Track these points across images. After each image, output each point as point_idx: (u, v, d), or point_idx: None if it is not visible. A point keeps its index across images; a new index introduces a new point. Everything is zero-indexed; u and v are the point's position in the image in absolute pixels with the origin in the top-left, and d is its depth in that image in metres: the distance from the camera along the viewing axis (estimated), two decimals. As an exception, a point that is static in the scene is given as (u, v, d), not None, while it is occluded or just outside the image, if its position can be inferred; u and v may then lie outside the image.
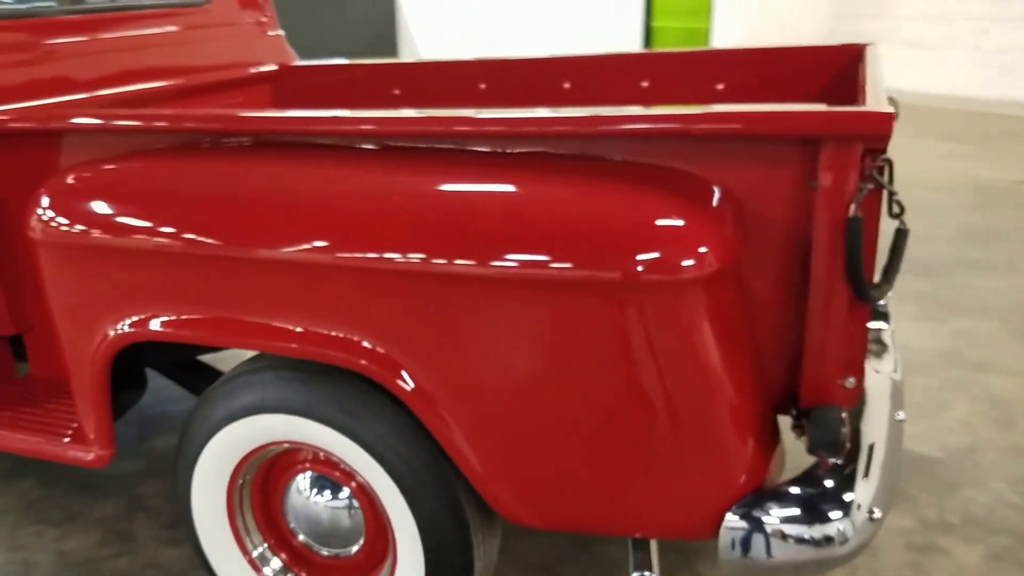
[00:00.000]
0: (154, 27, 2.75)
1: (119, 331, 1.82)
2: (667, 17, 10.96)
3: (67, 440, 2.01)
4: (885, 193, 1.46)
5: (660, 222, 1.44)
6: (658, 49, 2.76)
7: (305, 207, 1.62)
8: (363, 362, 1.62)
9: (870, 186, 1.42)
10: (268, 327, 1.69)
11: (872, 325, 2.30)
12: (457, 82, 2.94)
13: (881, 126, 1.37)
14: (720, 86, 2.68)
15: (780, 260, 1.55)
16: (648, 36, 11.15)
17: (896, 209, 1.48)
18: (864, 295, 1.46)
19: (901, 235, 1.52)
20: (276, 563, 1.97)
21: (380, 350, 1.61)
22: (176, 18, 2.83)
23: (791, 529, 1.49)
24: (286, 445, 1.85)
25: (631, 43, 11.14)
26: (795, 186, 1.49)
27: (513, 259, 1.46)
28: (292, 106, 3.12)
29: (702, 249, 1.42)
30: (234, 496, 1.93)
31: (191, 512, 1.94)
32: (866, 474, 1.59)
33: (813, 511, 1.50)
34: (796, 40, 9.42)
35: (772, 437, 1.62)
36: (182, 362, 2.45)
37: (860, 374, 1.58)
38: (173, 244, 1.70)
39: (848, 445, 1.58)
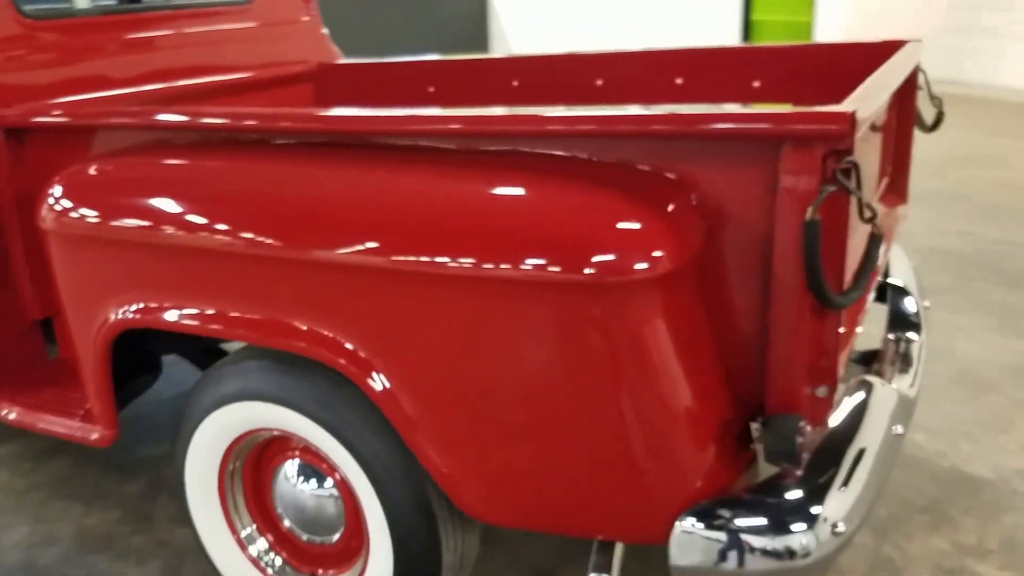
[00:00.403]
0: (197, 26, 2.83)
1: (117, 317, 1.87)
2: (768, 10, 10.64)
3: (78, 420, 2.09)
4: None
5: (613, 223, 1.40)
6: (696, 46, 2.66)
7: (275, 203, 1.65)
8: (329, 355, 1.62)
9: (832, 188, 1.34)
10: (246, 319, 1.72)
11: (898, 335, 2.17)
12: (490, 79, 2.91)
13: (838, 127, 1.30)
14: (756, 83, 2.58)
15: (748, 263, 1.48)
16: (747, 30, 10.85)
17: (868, 214, 1.38)
18: (826, 301, 1.37)
19: (874, 240, 1.42)
20: (262, 543, 2.00)
21: (347, 345, 1.61)
22: (218, 17, 2.91)
23: (745, 538, 1.42)
24: (276, 432, 1.87)
25: (729, 37, 10.86)
26: (763, 188, 1.43)
27: (467, 259, 1.44)
28: (332, 103, 3.16)
29: (655, 250, 1.38)
30: (225, 479, 1.96)
31: (185, 490, 1.98)
32: (843, 486, 1.49)
33: (768, 521, 1.43)
34: (901, 34, 9.02)
35: (738, 444, 1.53)
36: (208, 350, 2.51)
37: (833, 383, 1.49)
38: (161, 237, 1.75)
39: (805, 455, 1.48)
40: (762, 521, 1.43)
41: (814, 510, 1.44)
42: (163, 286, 1.80)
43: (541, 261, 1.39)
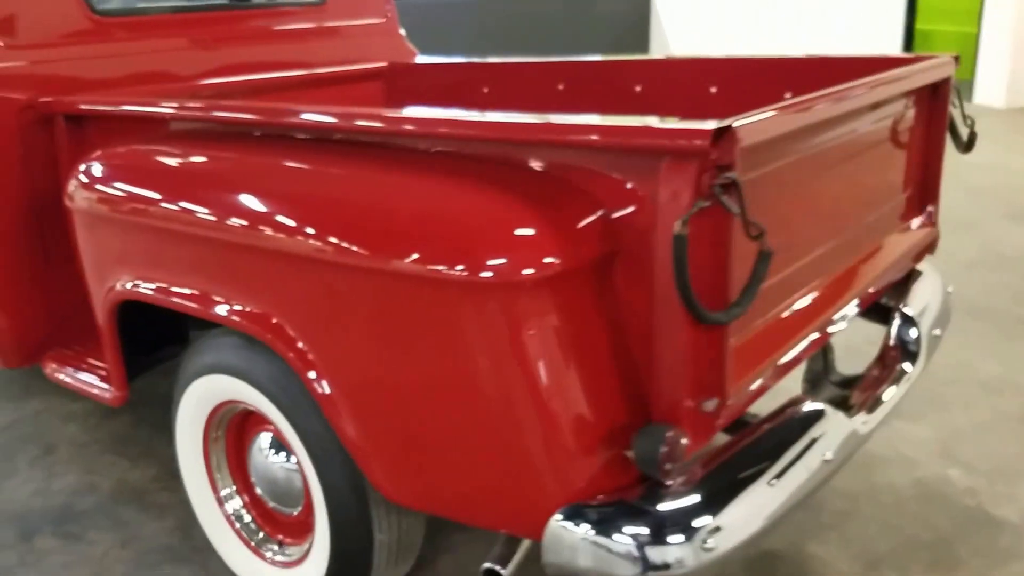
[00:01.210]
0: (265, 24, 3.06)
1: (118, 289, 2.10)
2: (933, 20, 10.04)
3: (97, 380, 2.35)
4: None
5: (503, 225, 1.46)
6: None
7: (216, 190, 1.83)
8: (260, 331, 1.77)
9: (706, 204, 1.34)
10: (208, 298, 1.89)
11: (886, 364, 2.09)
12: (539, 82, 2.98)
13: (701, 143, 1.30)
14: (788, 95, 2.53)
15: (641, 273, 1.49)
16: (910, 40, 10.27)
17: (754, 232, 1.37)
18: (699, 315, 1.37)
19: (762, 258, 1.40)
20: (237, 503, 2.17)
21: (277, 323, 1.75)
22: (289, 16, 3.12)
23: (608, 542, 1.43)
24: (244, 406, 2.03)
25: (890, 47, 10.33)
26: (649, 199, 1.44)
27: (370, 251, 1.54)
28: (402, 101, 3.31)
29: (541, 255, 1.43)
30: (210, 443, 2.14)
31: (176, 447, 2.18)
32: (727, 504, 1.49)
33: (633, 528, 1.43)
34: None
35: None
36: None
37: (721, 397, 1.48)
38: (141, 219, 1.96)
39: (678, 466, 1.47)
40: (628, 528, 1.44)
41: (685, 523, 1.44)
42: (140, 262, 2.01)
43: (434, 258, 1.46)
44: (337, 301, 1.63)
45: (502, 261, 1.42)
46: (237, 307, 1.82)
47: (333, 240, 1.58)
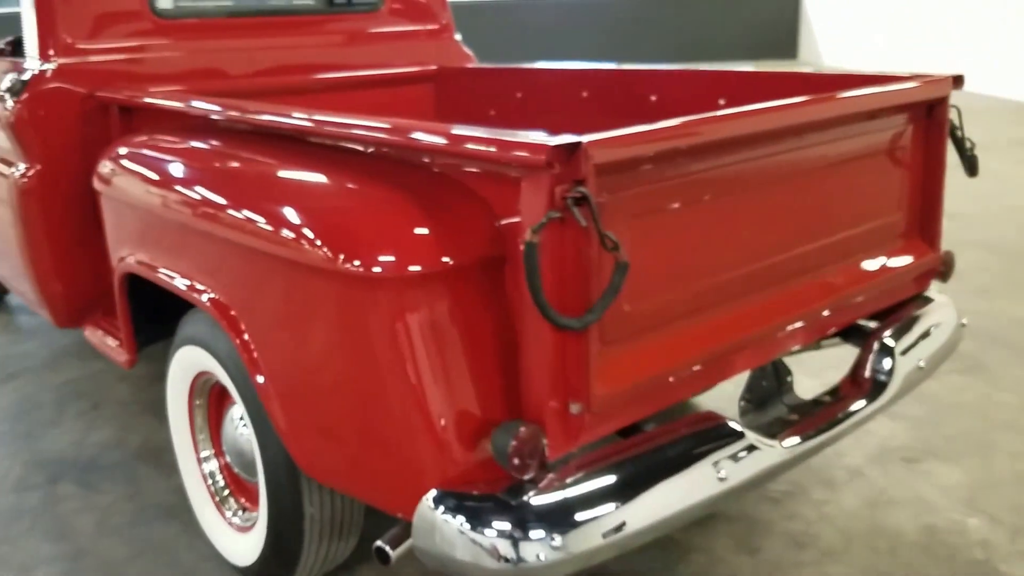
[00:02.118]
0: (325, 28, 3.21)
1: (122, 263, 2.29)
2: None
3: (115, 344, 2.55)
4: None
5: (392, 224, 1.53)
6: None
7: (190, 179, 1.99)
8: (208, 307, 1.89)
9: (557, 215, 1.36)
10: (173, 276, 2.06)
11: (841, 393, 1.98)
12: (565, 89, 2.99)
13: (542, 157, 1.32)
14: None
15: (518, 277, 1.51)
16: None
17: (609, 244, 1.37)
18: (551, 319, 1.38)
19: (618, 269, 1.39)
20: (214, 464, 2.30)
21: (227, 306, 1.87)
22: (347, 21, 3.27)
23: (462, 528, 1.45)
24: (214, 377, 2.16)
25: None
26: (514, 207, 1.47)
27: (276, 239, 1.65)
28: (449, 104, 3.40)
29: (424, 254, 1.49)
30: (194, 408, 2.28)
31: (167, 408, 2.34)
32: (589, 506, 1.47)
33: (484, 519, 1.45)
34: None
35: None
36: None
37: (585, 401, 1.47)
38: (140, 204, 2.15)
39: (523, 462, 1.46)
40: (485, 517, 1.45)
41: (536, 521, 1.44)
42: (135, 240, 2.20)
43: (332, 252, 1.54)
44: (263, 290, 1.75)
45: (390, 258, 1.49)
46: (199, 287, 1.94)
47: (258, 231, 1.70)
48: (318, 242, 1.55)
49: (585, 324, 1.40)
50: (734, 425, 1.67)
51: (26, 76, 2.61)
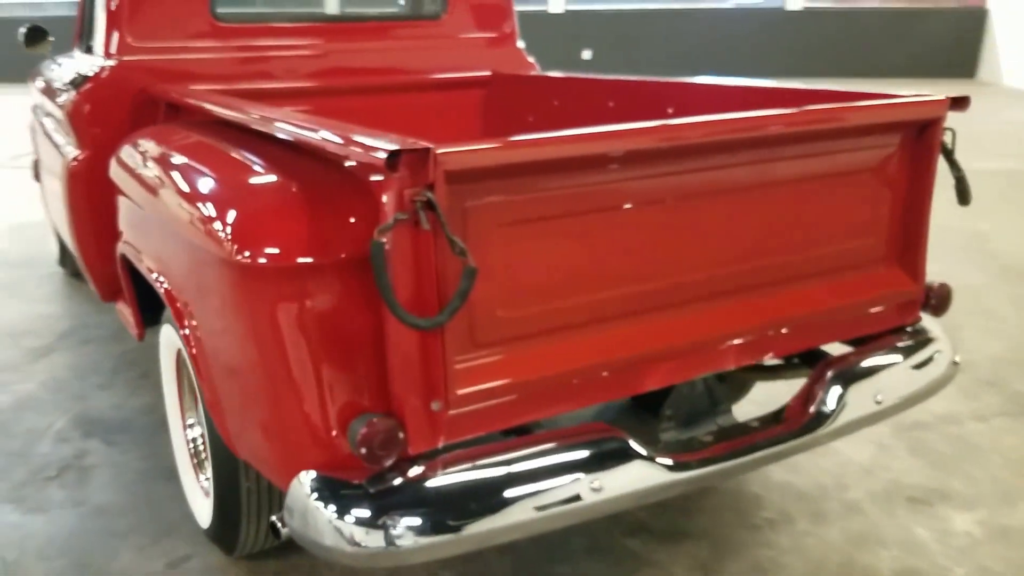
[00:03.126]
0: (383, 35, 3.35)
1: (121, 247, 2.51)
2: None
3: (132, 319, 2.77)
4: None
5: (274, 218, 1.62)
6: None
7: (155, 170, 2.15)
8: (163, 288, 2.05)
9: (404, 217, 1.40)
10: (145, 261, 2.23)
11: (768, 419, 1.92)
12: (596, 98, 2.99)
13: (382, 162, 1.36)
14: None
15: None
16: None
17: (456, 249, 1.41)
18: (401, 319, 1.42)
19: (466, 274, 1.41)
20: (196, 431, 2.46)
21: (175, 297, 2.02)
22: (406, 29, 3.39)
23: (323, 511, 1.52)
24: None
25: None
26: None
27: (186, 227, 1.79)
28: (497, 108, 3.47)
29: (297, 248, 1.56)
30: (182, 378, 2.45)
31: (161, 376, 2.53)
32: (444, 502, 1.52)
33: (326, 502, 1.52)
34: None
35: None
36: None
37: (443, 400, 1.51)
38: (126, 192, 2.35)
39: (371, 453, 1.50)
40: (338, 502, 1.52)
41: (383, 510, 1.49)
42: (126, 225, 2.41)
43: (220, 238, 1.64)
44: (190, 269, 1.88)
45: (274, 251, 1.57)
46: (161, 280, 2.11)
47: (182, 220, 1.83)
48: (218, 232, 1.65)
49: (433, 325, 1.43)
50: (623, 439, 1.66)
51: (87, 71, 2.88)
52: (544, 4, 14.67)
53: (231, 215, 1.64)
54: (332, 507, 1.52)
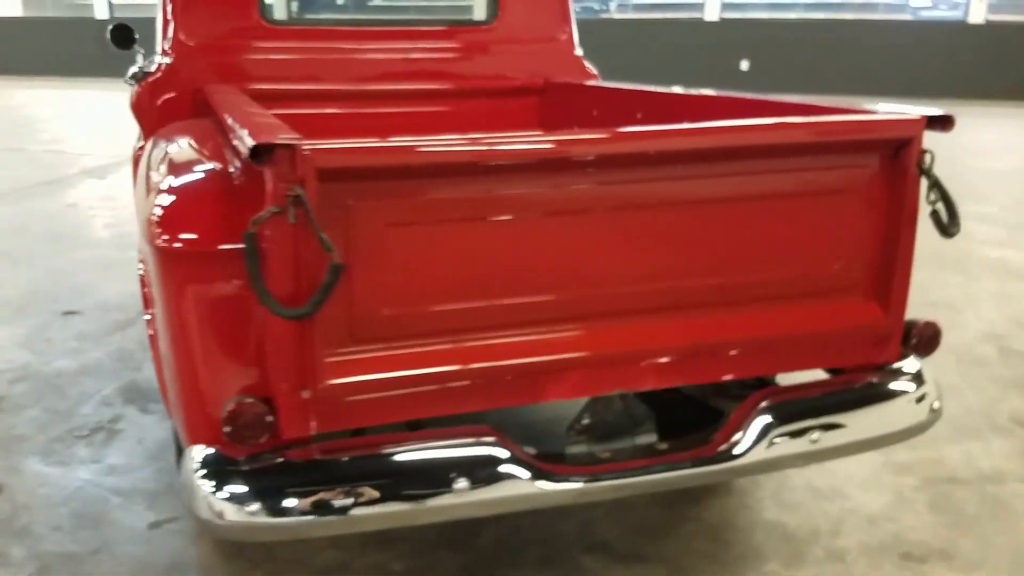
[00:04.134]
0: (433, 40, 3.45)
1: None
2: None
3: None
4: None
5: (189, 204, 1.74)
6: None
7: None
8: (140, 283, 2.21)
9: (276, 210, 1.47)
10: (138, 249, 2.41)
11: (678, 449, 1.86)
12: (627, 108, 2.97)
13: (257, 159, 1.43)
14: None
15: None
16: None
17: (324, 245, 1.46)
18: (268, 307, 1.49)
19: (332, 269, 1.46)
20: None
21: (143, 273, 2.18)
22: (457, 34, 3.48)
23: (196, 481, 1.62)
24: None
25: None
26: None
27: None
28: (550, 117, 3.49)
29: (194, 233, 1.66)
30: None
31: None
32: (297, 484, 1.58)
33: (214, 475, 1.61)
34: None
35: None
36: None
37: (312, 388, 1.57)
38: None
39: (235, 432, 1.58)
40: (211, 474, 1.62)
41: (246, 486, 1.58)
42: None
43: (148, 221, 1.76)
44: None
45: (189, 236, 1.67)
46: (139, 267, 2.28)
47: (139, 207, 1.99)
48: (148, 218, 1.76)
49: (296, 315, 1.49)
50: (498, 443, 1.66)
51: (147, 67, 3.13)
52: (700, 11, 14.27)
53: (158, 202, 1.76)
54: (210, 482, 1.61)
